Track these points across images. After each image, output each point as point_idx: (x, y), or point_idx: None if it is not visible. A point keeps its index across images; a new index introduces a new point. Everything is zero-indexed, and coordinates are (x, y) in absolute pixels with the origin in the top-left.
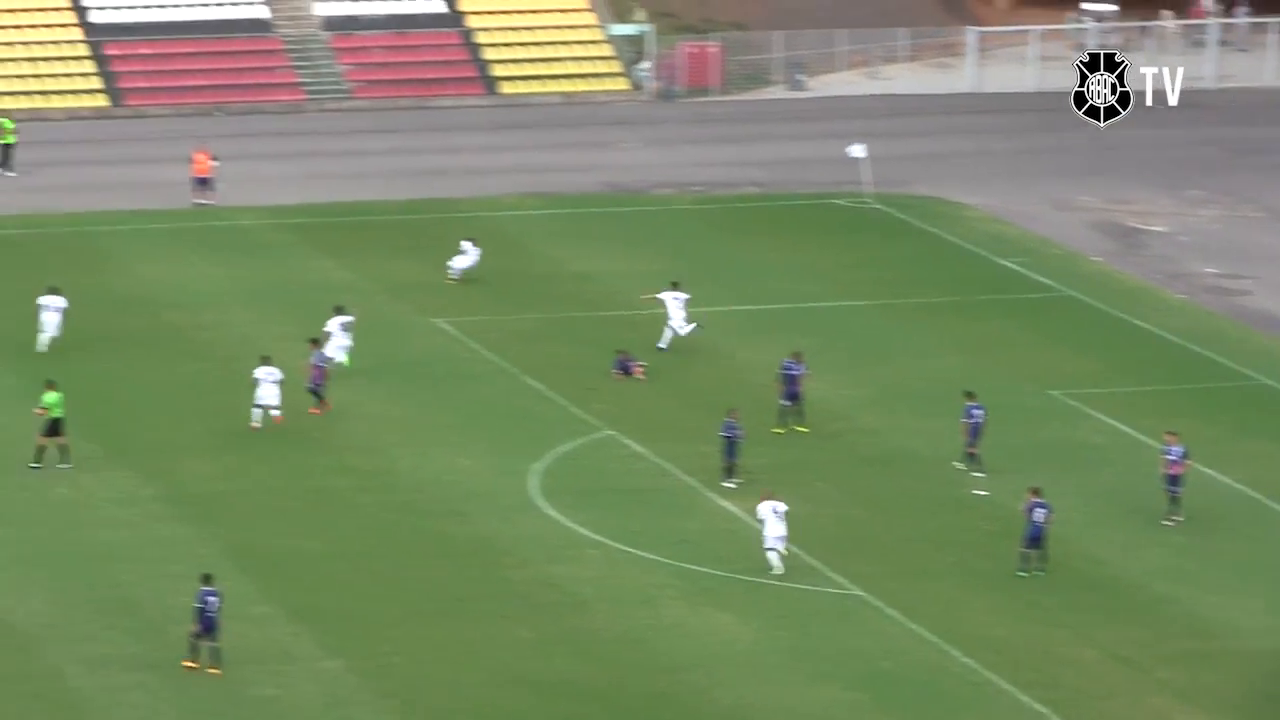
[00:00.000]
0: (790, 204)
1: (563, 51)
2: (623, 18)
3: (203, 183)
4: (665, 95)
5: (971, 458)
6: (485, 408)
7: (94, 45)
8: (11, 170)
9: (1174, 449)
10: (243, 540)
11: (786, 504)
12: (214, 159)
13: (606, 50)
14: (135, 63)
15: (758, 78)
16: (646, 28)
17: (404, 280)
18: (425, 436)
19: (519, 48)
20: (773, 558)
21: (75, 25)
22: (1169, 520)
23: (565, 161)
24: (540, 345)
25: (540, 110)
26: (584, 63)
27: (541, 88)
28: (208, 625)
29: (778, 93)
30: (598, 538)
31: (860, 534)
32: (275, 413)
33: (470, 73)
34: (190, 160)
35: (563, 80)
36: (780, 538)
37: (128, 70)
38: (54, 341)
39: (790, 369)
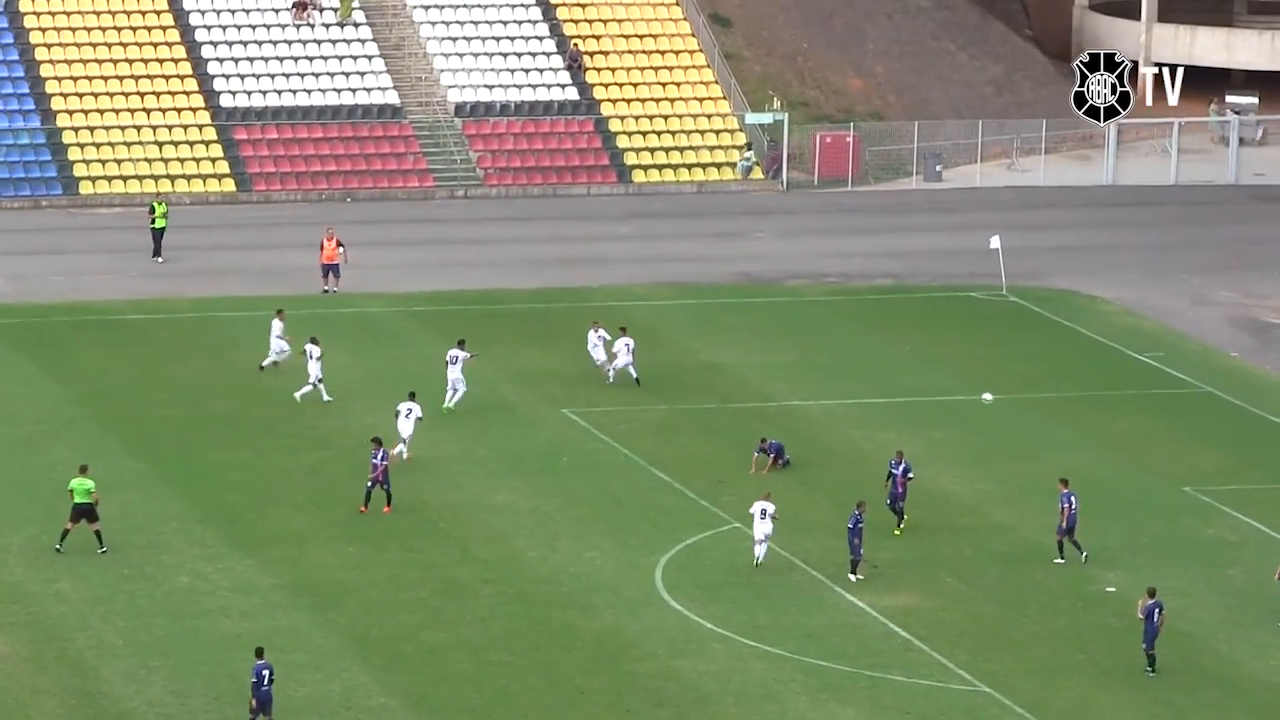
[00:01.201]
0: (925, 296)
1: (696, 140)
2: (758, 107)
3: (330, 269)
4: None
5: (1063, 547)
6: (612, 499)
7: (222, 130)
8: (160, 256)
9: None
10: (364, 630)
11: (775, 505)
12: (341, 246)
13: (741, 140)
14: (264, 148)
15: (894, 168)
16: (782, 117)
17: (533, 369)
18: (551, 528)
19: (652, 136)
20: (758, 550)
21: (204, 109)
22: None
23: (698, 251)
24: (669, 436)
25: (673, 199)
26: (718, 152)
27: (675, 177)
28: (263, 701)
29: (914, 183)
30: (723, 631)
31: (988, 630)
32: (404, 450)
33: (603, 160)
34: (319, 247)
35: (696, 169)
36: (765, 536)
37: (256, 155)
38: (311, 394)
39: (892, 468)
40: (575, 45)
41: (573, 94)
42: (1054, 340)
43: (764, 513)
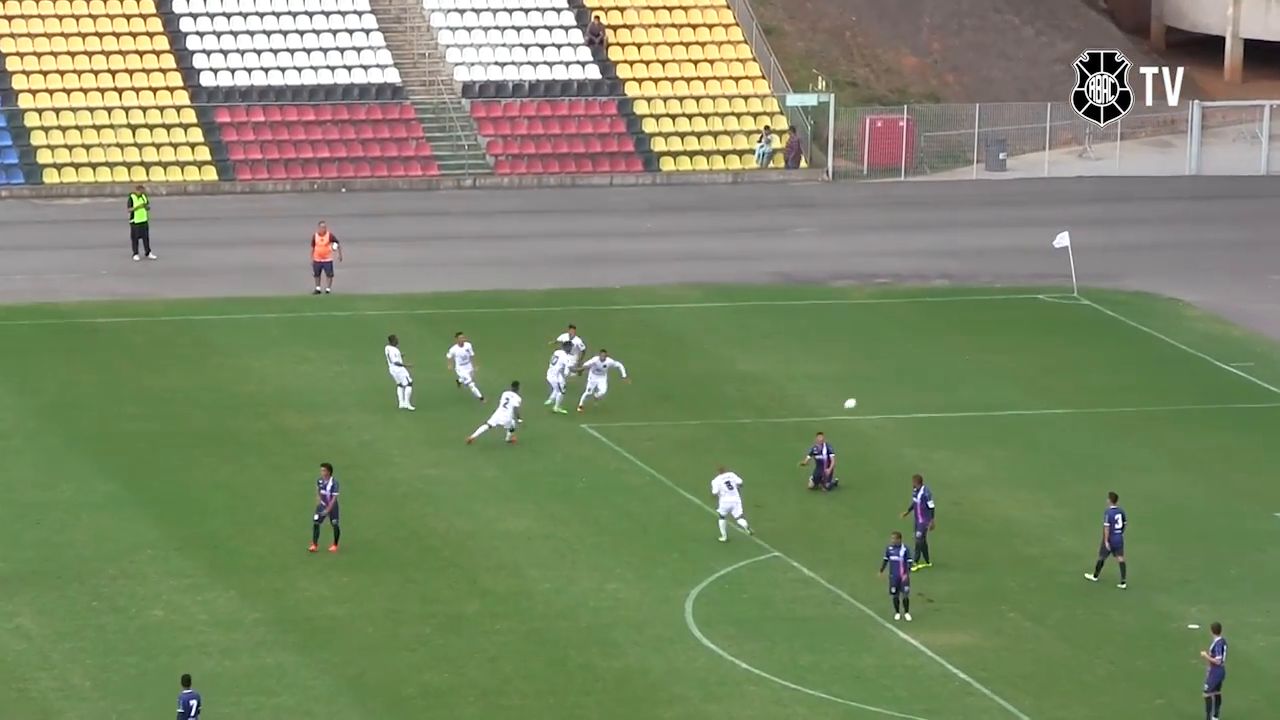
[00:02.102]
0: (986, 299)
1: (732, 125)
2: (800, 87)
3: (323, 268)
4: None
5: (1102, 566)
6: (637, 525)
7: (203, 112)
8: (142, 252)
9: None
10: (359, 671)
11: (741, 478)
12: (335, 241)
13: (782, 124)
14: (249, 132)
15: (952, 155)
16: (827, 98)
17: (544, 380)
18: (569, 557)
19: (682, 120)
20: (722, 526)
21: (183, 89)
22: None
23: (732, 248)
24: (701, 455)
25: (705, 190)
26: (755, 138)
27: (707, 165)
28: None
29: (975, 173)
30: (760, 673)
31: (1056, 672)
32: (511, 433)
33: (627, 147)
34: (309, 243)
35: (731, 157)
36: (730, 509)
37: (241, 140)
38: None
39: (913, 496)
40: (597, 18)
41: (594, 73)
42: (1130, 348)
43: (730, 484)
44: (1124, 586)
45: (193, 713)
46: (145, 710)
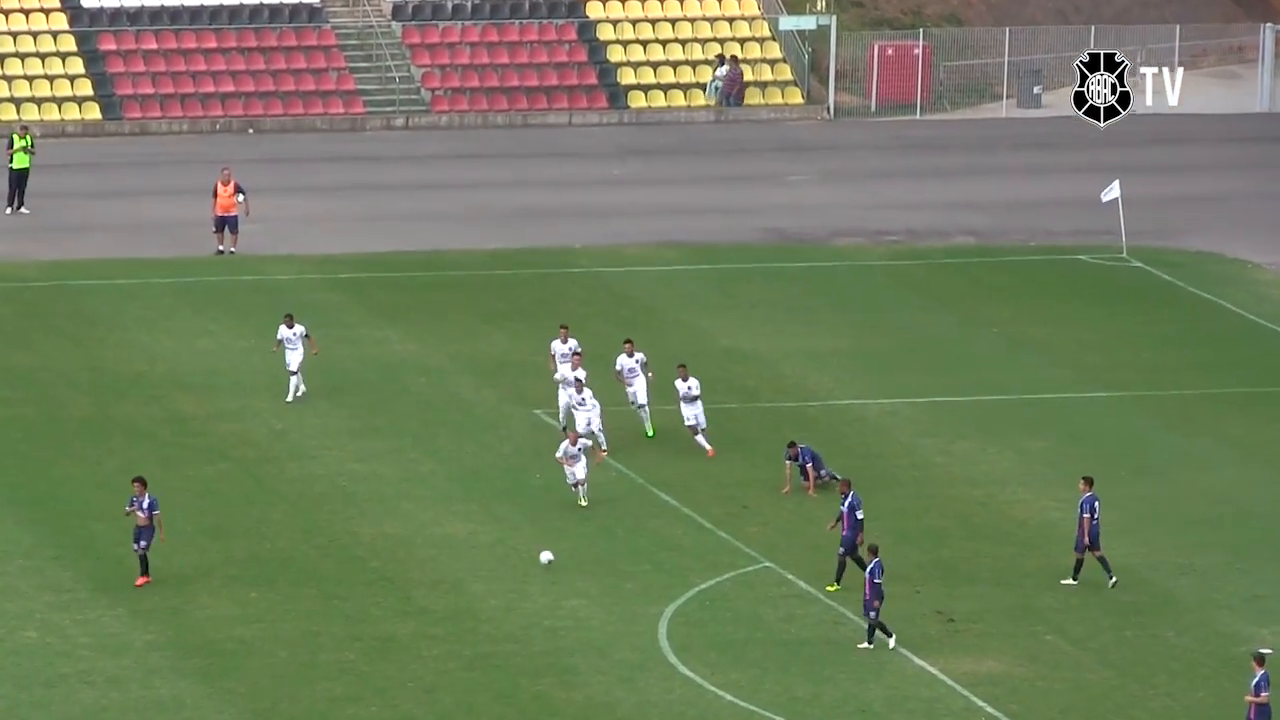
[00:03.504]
0: (1018, 260)
1: (714, 52)
2: (796, 8)
3: (226, 223)
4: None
5: (1081, 566)
6: (601, 530)
7: (84, 39)
8: (15, 204)
9: None
10: (270, 703)
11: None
12: (241, 192)
13: (774, 51)
14: (138, 62)
15: (977, 89)
16: (826, 20)
17: (495, 357)
18: (520, 568)
19: (655, 46)
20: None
21: (59, 11)
22: None
23: (715, 200)
24: (677, 447)
25: (683, 131)
26: (742, 67)
27: (685, 101)
28: None
29: (1004, 110)
30: (749, 706)
31: (1101, 704)
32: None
33: (589, 79)
34: (211, 194)
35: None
36: (699, 421)
37: (129, 72)
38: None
39: (851, 503)
40: None
41: None
42: (1189, 318)
43: (691, 393)
44: (1115, 581)
45: None
46: None
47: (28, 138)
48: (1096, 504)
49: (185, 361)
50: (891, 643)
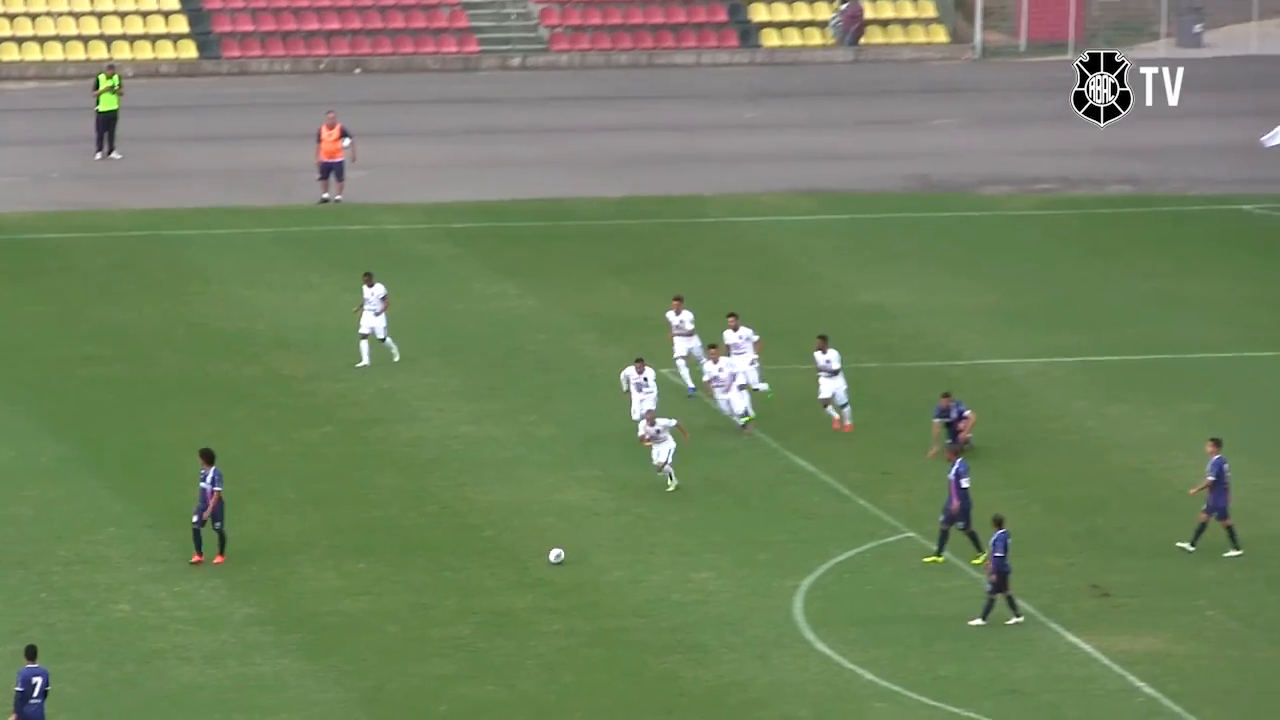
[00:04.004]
0: (1177, 210)
1: None
2: None
3: (332, 169)
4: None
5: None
6: (732, 498)
7: None
8: (106, 149)
9: None
10: (378, 682)
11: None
12: (347, 136)
13: None
14: None
15: (1134, 27)
16: None
17: (618, 313)
18: (646, 538)
19: None
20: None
21: None
22: None
23: (854, 146)
24: (813, 409)
25: (818, 72)
26: (882, 5)
27: (820, 39)
28: (36, 718)
29: (1162, 49)
30: (890, 685)
31: (1270, 686)
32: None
33: (719, 16)
34: (315, 138)
35: None
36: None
37: (226, 9)
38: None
39: (958, 470)
40: None
41: None
42: None
43: (831, 366)
44: (1238, 554)
45: (35, 693)
46: None
47: (115, 78)
48: (1225, 467)
49: (287, 317)
50: (1012, 620)
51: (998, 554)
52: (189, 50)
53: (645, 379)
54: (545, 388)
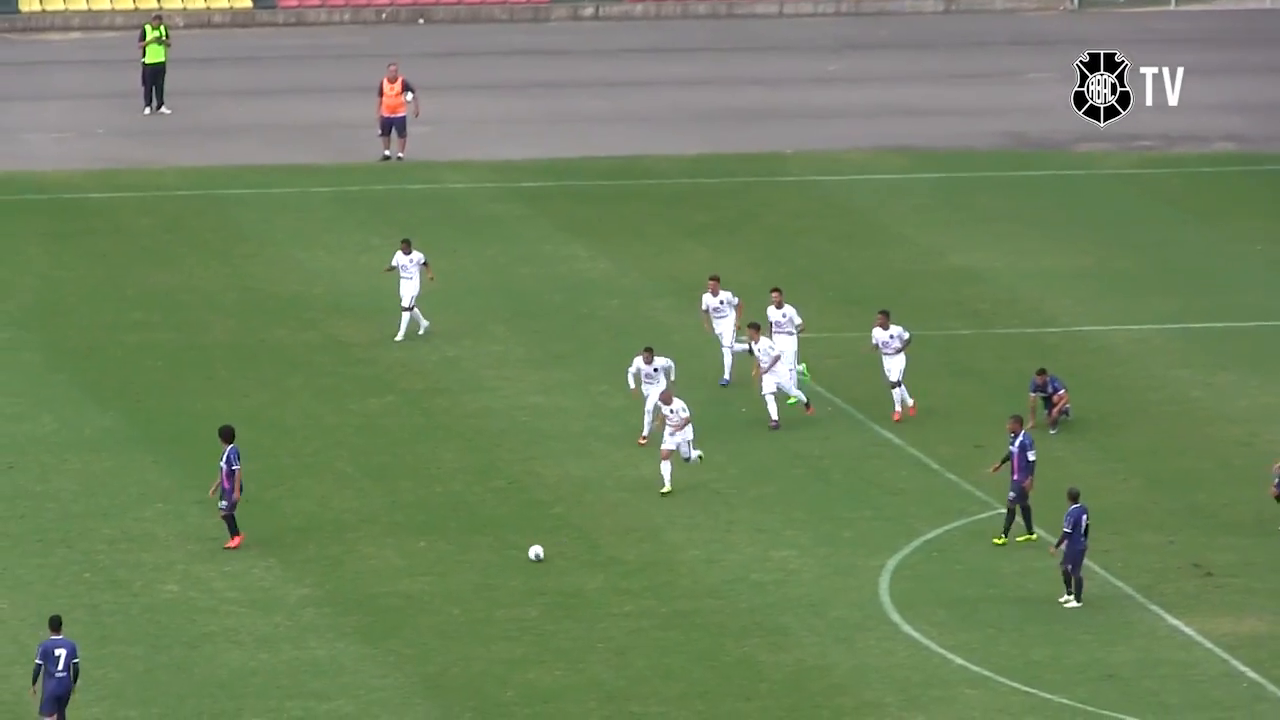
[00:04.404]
0: None
1: None
2: None
3: (393, 125)
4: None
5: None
6: (814, 472)
7: None
8: (154, 104)
9: None
10: (441, 667)
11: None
12: (410, 90)
13: None
14: None
15: None
16: None
17: (695, 276)
18: (724, 515)
19: None
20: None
21: None
22: None
23: (945, 100)
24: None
25: (907, 22)
26: None
27: None
28: (51, 697)
29: None
30: (981, 670)
31: None
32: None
33: None
34: (376, 92)
35: None
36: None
37: None
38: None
39: (1023, 442)
40: None
41: None
42: None
43: (893, 345)
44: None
45: (61, 667)
46: (153, 715)
47: (162, 28)
48: None
49: (346, 281)
50: (1070, 603)
51: (1067, 529)
52: (244, 0)
53: (656, 369)
54: (618, 356)
